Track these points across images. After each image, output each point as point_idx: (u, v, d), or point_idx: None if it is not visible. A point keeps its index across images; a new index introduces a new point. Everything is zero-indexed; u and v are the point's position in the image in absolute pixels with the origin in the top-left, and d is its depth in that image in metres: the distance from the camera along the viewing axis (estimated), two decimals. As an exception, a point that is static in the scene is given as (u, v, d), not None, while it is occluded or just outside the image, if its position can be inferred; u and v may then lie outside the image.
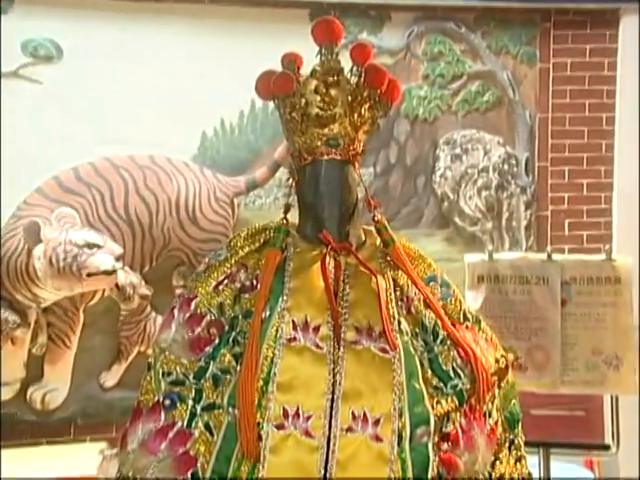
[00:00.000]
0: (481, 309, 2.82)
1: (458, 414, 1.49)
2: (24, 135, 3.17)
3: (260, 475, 1.36)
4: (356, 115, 1.51)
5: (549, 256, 2.86)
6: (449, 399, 1.48)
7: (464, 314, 1.56)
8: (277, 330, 1.43)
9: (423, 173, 3.65)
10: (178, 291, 3.24)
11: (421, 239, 3.51)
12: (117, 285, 3.17)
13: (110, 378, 3.26)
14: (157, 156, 3.28)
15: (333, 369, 1.42)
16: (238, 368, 1.44)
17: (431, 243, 3.53)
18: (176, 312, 1.48)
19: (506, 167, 3.75)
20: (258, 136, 3.46)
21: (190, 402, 1.45)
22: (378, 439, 1.38)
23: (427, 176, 3.65)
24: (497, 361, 1.59)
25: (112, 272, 3.11)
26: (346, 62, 1.57)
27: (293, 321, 1.43)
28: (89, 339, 3.25)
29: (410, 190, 3.62)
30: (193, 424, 1.44)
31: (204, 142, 3.42)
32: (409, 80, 3.60)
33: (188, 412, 1.44)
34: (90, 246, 3.10)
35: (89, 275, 3.09)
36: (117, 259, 3.14)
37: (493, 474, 1.54)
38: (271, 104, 1.58)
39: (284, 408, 1.38)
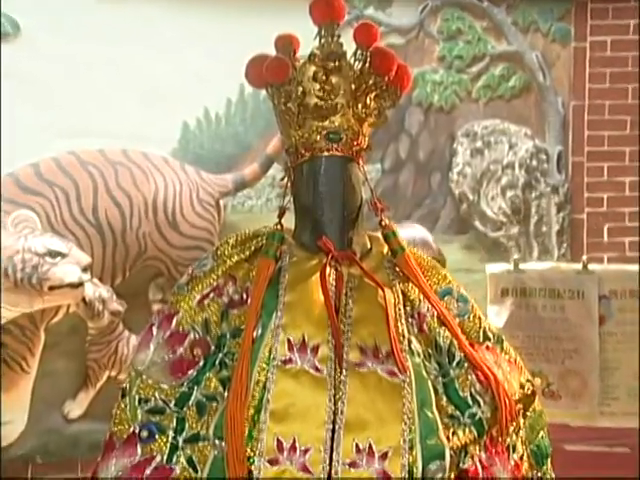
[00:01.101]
0: (505, 327, 2.86)
1: (477, 447, 1.53)
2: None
3: (251, 517, 1.39)
4: (360, 105, 1.55)
5: (585, 266, 2.89)
6: (467, 430, 1.52)
7: (484, 332, 1.59)
8: (270, 351, 1.46)
9: (438, 170, 3.70)
10: (156, 307, 3.26)
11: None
12: (84, 300, 3.19)
13: (75, 408, 3.29)
14: (131, 150, 3.32)
15: (334, 395, 1.45)
16: (226, 394, 1.47)
17: (447, 251, 3.54)
18: (155, 330, 1.51)
19: (535, 163, 3.78)
20: (248, 127, 3.50)
21: (171, 433, 1.48)
22: (386, 476, 1.41)
23: (443, 173, 3.69)
24: (522, 386, 1.61)
25: (78, 285, 3.14)
26: (349, 45, 1.60)
27: (289, 340, 1.46)
28: (51, 362, 3.27)
29: (423, 190, 3.66)
30: (174, 459, 1.47)
31: (186, 134, 3.46)
32: (422, 63, 3.65)
33: (168, 445, 1.47)
34: (53, 255, 3.12)
35: (51, 288, 3.11)
36: (84, 270, 3.16)
37: (517, 516, 1.57)
38: (263, 92, 1.63)
39: (278, 440, 1.41)
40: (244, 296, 1.52)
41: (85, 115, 3.28)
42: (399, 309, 1.52)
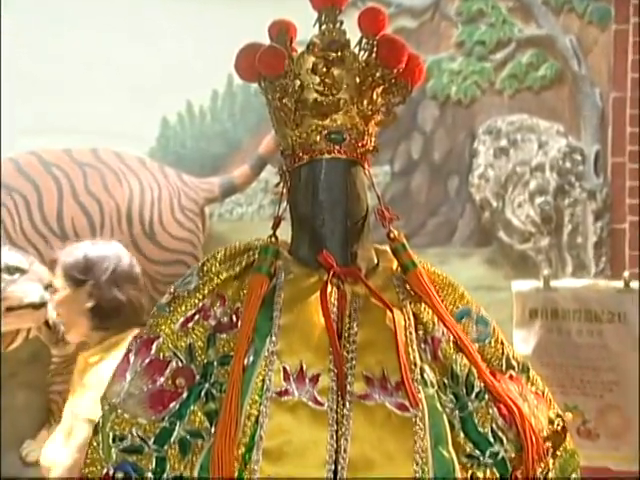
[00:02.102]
0: (533, 354, 2.87)
1: (500, 491, 1.56)
2: None
3: None
4: (366, 101, 1.59)
5: (627, 284, 2.91)
6: (488, 471, 1.55)
7: (507, 360, 1.63)
8: (264, 381, 1.48)
9: (456, 173, 3.74)
10: (134, 333, 3.29)
11: (453, 261, 3.59)
12: (47, 323, 3.20)
13: (36, 449, 3.30)
14: (102, 150, 3.35)
15: (336, 431, 1.48)
16: (212, 430, 1.51)
17: (467, 266, 3.61)
18: (132, 357, 1.55)
19: (568, 164, 3.80)
20: (237, 123, 3.54)
21: (150, 475, 1.51)
22: (395, 523, 1.45)
23: (462, 177, 3.73)
24: (551, 422, 1.64)
25: (40, 305, 3.14)
26: (354, 32, 1.64)
27: (284, 369, 1.49)
28: (8, 396, 3.29)
29: (439, 196, 3.70)
30: (153, 504, 1.50)
31: (165, 131, 3.50)
32: (438, 49, 3.69)
33: (147, 489, 1.51)
34: (10, 270, 3.13)
35: (9, 309, 3.12)
36: (47, 288, 3.18)
37: None
38: (255, 84, 1.67)
39: (272, 483, 1.45)
40: (234, 318, 1.55)
41: (49, 110, 3.31)
42: (410, 333, 1.55)
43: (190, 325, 1.56)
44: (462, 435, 1.56)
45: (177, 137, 3.53)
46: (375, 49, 1.59)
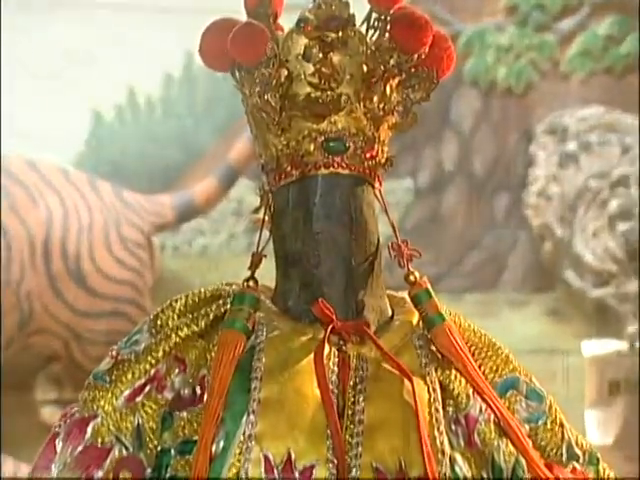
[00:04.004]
0: (615, 443, 2.89)
1: None
2: None
3: None
4: (376, 98, 1.64)
5: None
6: None
7: (570, 448, 1.66)
8: (238, 474, 1.53)
9: (506, 189, 3.79)
10: (48, 410, 3.33)
11: (501, 312, 3.61)
12: None
13: None
14: (9, 157, 3.41)
15: None
16: (168, 543, 1.58)
17: (520, 320, 3.61)
18: (59, 444, 1.58)
19: (662, 177, 3.85)
20: (199, 120, 3.57)
21: None
22: None
23: (513, 195, 3.78)
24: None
25: None
26: (359, 6, 1.73)
27: (266, 458, 1.54)
28: None
29: (482, 221, 3.76)
30: None
31: (98, 131, 3.56)
32: (480, 16, 3.76)
33: None
34: None
35: None
36: None
37: None
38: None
39: None
40: (198, 390, 1.61)
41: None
42: (436, 410, 1.60)
43: (138, 400, 1.61)
44: None
45: (115, 138, 3.57)
46: (388, 27, 1.64)
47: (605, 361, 3.00)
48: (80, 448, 1.64)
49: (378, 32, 1.68)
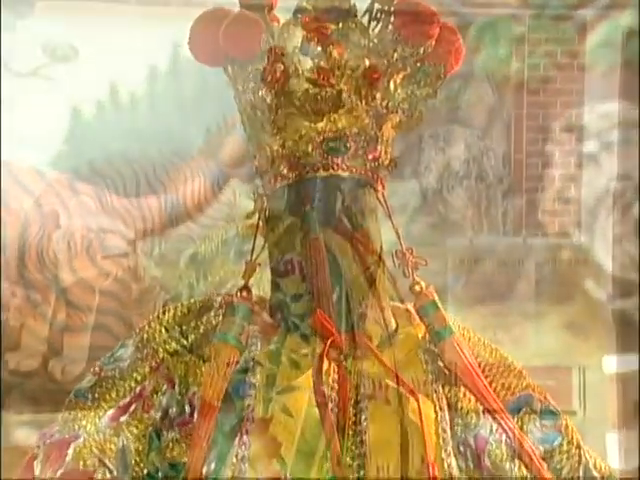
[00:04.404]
0: None
1: None
2: None
3: None
4: (379, 95, 1.67)
5: None
6: None
7: (587, 471, 1.68)
8: None
9: (519, 191, 3.81)
10: (22, 432, 3.34)
11: (516, 325, 3.58)
12: None
13: None
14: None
15: None
16: None
17: (537, 333, 3.59)
18: (37, 466, 1.61)
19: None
20: (187, 117, 3.58)
21: None
22: None
23: (528, 197, 3.80)
24: None
25: None
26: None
27: None
28: None
29: (493, 226, 3.77)
30: None
31: (77, 128, 3.58)
32: (492, 5, 3.73)
33: None
34: None
35: None
36: None
37: None
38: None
39: None
40: (187, 409, 1.62)
41: None
42: (443, 430, 1.63)
43: (123, 419, 1.62)
44: None
45: (95, 136, 3.58)
46: (392, 19, 1.67)
47: (628, 378, 2.99)
48: (61, 471, 1.65)
49: (381, 24, 1.69)
